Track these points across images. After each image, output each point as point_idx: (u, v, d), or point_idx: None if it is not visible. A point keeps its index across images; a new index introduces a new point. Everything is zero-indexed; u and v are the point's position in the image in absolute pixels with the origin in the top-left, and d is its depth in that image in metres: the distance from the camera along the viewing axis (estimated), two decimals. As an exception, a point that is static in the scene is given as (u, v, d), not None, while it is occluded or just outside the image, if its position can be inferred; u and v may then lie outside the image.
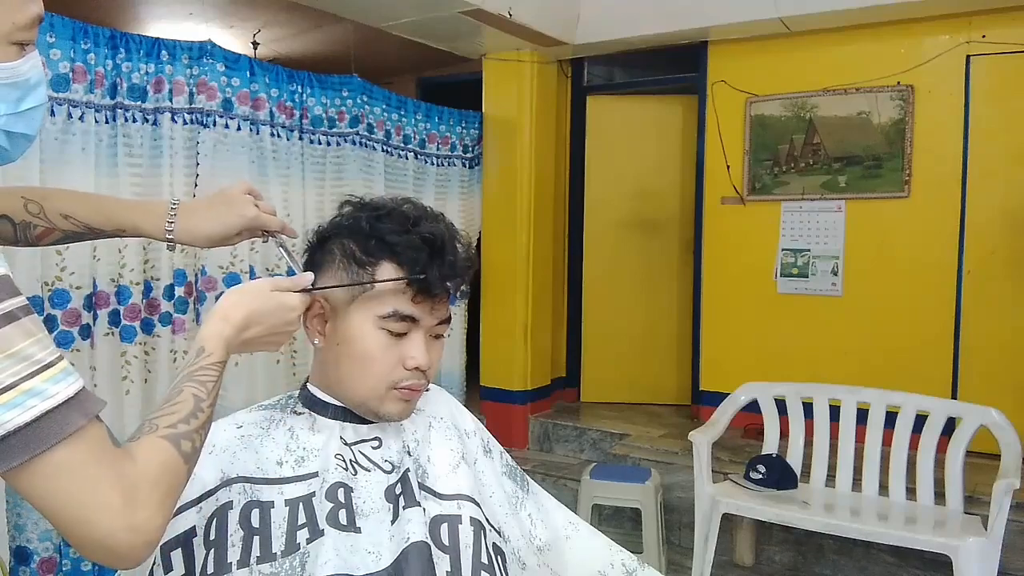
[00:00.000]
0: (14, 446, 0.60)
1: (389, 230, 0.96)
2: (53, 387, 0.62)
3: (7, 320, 0.61)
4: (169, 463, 0.72)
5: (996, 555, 2.54)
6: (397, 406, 1.00)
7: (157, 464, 0.70)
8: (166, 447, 0.72)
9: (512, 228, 4.43)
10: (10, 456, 0.61)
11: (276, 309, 0.91)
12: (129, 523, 0.66)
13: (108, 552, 0.66)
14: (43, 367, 0.62)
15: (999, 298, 3.65)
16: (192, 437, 0.76)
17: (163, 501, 0.70)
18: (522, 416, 4.47)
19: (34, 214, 0.98)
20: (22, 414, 0.60)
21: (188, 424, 0.76)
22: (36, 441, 0.61)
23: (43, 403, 0.61)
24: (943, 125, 3.75)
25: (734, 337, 4.25)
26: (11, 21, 0.72)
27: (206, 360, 0.83)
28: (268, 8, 4.80)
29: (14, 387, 0.60)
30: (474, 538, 1.00)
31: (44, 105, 0.78)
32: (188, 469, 0.75)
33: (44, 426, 0.62)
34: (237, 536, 0.92)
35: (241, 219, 1.03)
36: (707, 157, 4.31)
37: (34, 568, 2.50)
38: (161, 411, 0.76)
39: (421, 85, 6.23)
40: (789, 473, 3.10)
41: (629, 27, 4.16)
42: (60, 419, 0.62)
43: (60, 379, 0.63)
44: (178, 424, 0.75)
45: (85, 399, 0.65)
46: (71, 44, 2.53)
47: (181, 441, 0.74)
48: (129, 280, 2.75)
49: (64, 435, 0.62)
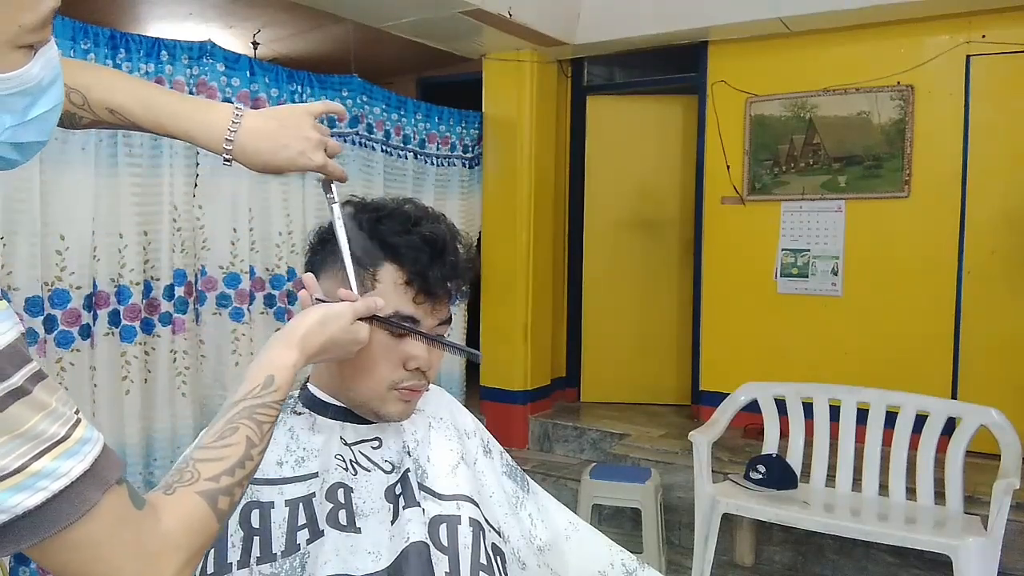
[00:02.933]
0: (25, 528, 0.57)
1: (390, 231, 0.96)
2: (65, 464, 0.58)
3: (14, 397, 0.56)
4: (199, 523, 0.68)
5: (996, 555, 2.54)
6: (397, 407, 1.00)
7: (186, 525, 0.67)
8: (200, 505, 0.68)
9: (512, 228, 4.43)
10: (21, 538, 0.57)
11: (349, 342, 0.89)
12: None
13: None
14: (54, 443, 0.57)
15: (999, 298, 3.65)
16: (232, 492, 0.72)
17: (188, 562, 0.67)
18: (522, 416, 4.47)
19: (78, 105, 0.87)
20: (31, 497, 0.56)
21: (232, 476, 0.72)
22: (48, 523, 0.58)
23: (53, 484, 0.57)
24: (943, 125, 3.75)
25: (734, 337, 4.25)
26: (16, 23, 0.58)
27: (271, 396, 0.79)
28: (268, 8, 4.80)
29: (22, 470, 0.56)
30: (473, 539, 1.00)
31: (59, 105, 0.65)
32: (220, 527, 0.71)
33: (56, 507, 0.58)
34: (237, 536, 0.92)
35: (308, 163, 0.92)
36: (707, 157, 4.31)
37: (34, 568, 2.50)
38: (210, 450, 0.72)
39: (421, 85, 6.23)
40: (789, 473, 3.10)
41: (629, 27, 4.16)
42: (73, 498, 0.58)
43: (74, 452, 0.58)
44: (221, 477, 0.71)
45: (103, 468, 0.61)
46: (71, 44, 2.53)
47: (219, 498, 0.70)
48: (129, 280, 2.74)
49: (78, 515, 0.59)
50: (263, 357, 0.83)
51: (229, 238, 3.07)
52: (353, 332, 0.89)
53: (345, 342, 0.89)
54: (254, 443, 0.75)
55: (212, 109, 0.92)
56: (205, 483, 0.70)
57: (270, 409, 0.78)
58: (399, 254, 0.95)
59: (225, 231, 3.05)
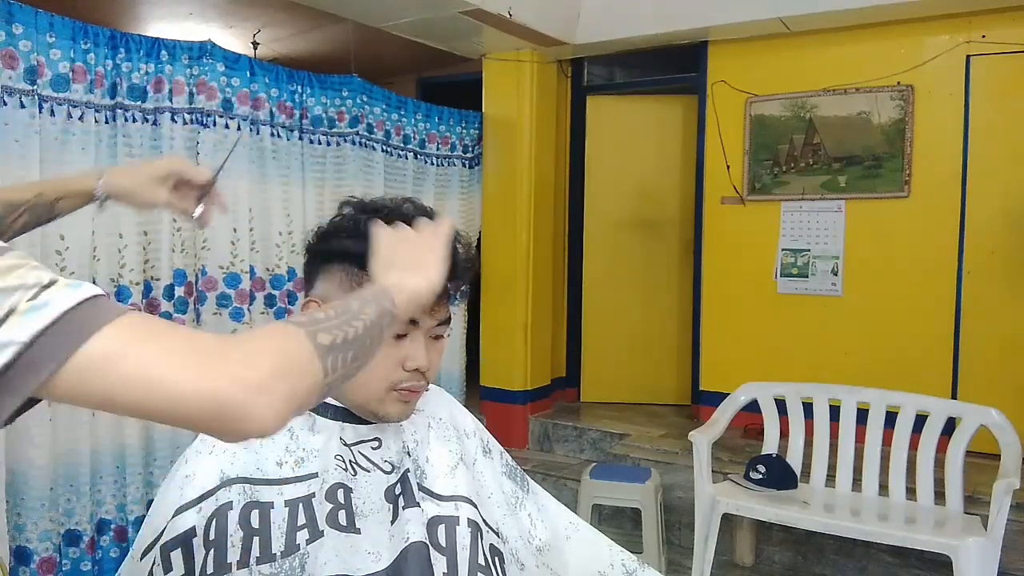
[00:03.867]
0: (43, 354, 0.52)
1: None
2: (71, 292, 0.54)
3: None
4: (290, 345, 0.60)
5: (996, 555, 2.54)
6: (397, 407, 1.00)
7: (268, 341, 0.60)
8: (291, 330, 0.61)
9: (512, 228, 4.43)
10: (40, 367, 0.51)
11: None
12: (227, 373, 0.56)
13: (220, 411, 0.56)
14: (52, 282, 0.54)
15: (999, 298, 3.65)
16: (334, 332, 0.64)
17: (290, 396, 0.59)
18: (522, 416, 4.47)
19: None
20: (37, 320, 0.51)
21: (331, 320, 0.65)
22: (67, 338, 0.52)
23: (61, 303, 0.52)
24: (943, 125, 3.75)
25: (734, 337, 4.25)
26: None
27: (385, 302, 0.73)
28: (268, 8, 4.80)
29: (16, 308, 0.52)
30: (471, 539, 1.00)
31: None
32: (322, 368, 0.62)
33: (75, 318, 0.53)
34: (237, 536, 0.92)
35: (165, 163, 1.05)
36: (707, 157, 4.31)
37: (34, 568, 2.50)
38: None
39: (421, 85, 6.23)
40: (789, 473, 3.10)
41: (629, 27, 4.16)
42: (92, 310, 0.54)
43: (77, 286, 0.55)
44: (319, 321, 0.64)
45: (111, 303, 0.57)
46: (71, 44, 2.53)
47: (319, 334, 0.62)
48: (129, 280, 2.75)
49: (99, 323, 0.53)
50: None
51: (229, 238, 3.07)
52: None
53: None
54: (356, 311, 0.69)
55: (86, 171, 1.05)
56: (297, 319, 0.64)
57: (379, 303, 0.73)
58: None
59: (225, 231, 3.05)
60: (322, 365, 0.62)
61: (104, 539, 2.72)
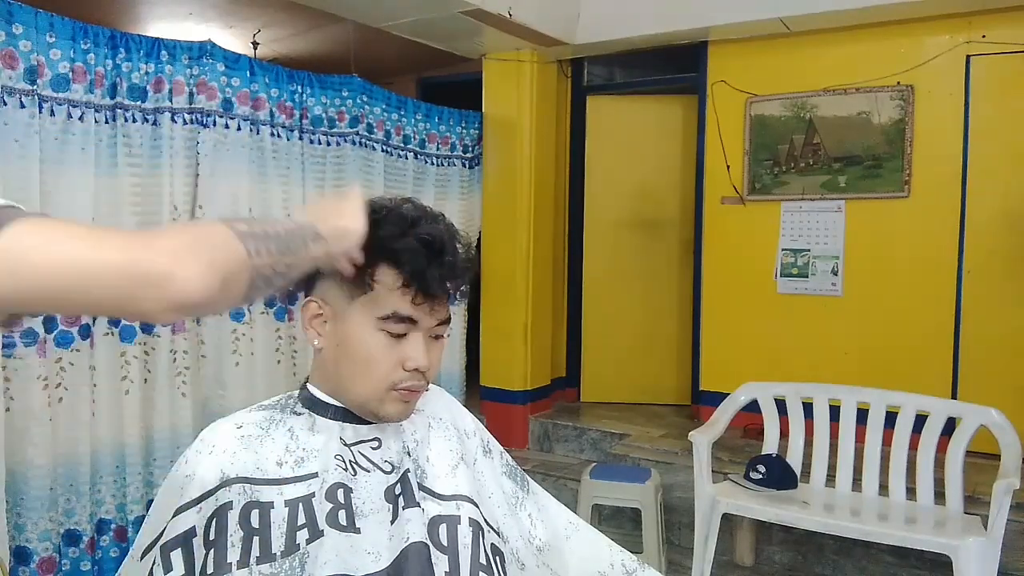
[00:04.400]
0: None
1: (387, 231, 0.96)
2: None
3: None
4: (205, 227, 0.65)
5: (996, 555, 2.54)
6: (397, 407, 1.00)
7: (183, 226, 0.65)
8: (206, 221, 0.67)
9: (512, 228, 4.43)
10: None
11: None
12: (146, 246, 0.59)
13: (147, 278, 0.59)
14: None
15: (999, 298, 3.65)
16: (251, 225, 0.70)
17: (208, 268, 0.62)
18: (522, 416, 4.47)
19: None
20: None
21: (248, 220, 0.71)
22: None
23: None
24: (943, 125, 3.75)
25: (734, 337, 4.25)
26: None
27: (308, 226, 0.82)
28: (268, 8, 4.80)
29: None
30: (472, 539, 1.00)
31: None
32: (244, 248, 0.66)
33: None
34: (237, 536, 0.92)
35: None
36: (707, 157, 4.31)
37: (34, 568, 2.50)
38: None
39: (421, 85, 6.22)
40: (789, 473, 3.10)
41: (629, 27, 4.16)
42: (4, 211, 0.58)
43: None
44: (236, 219, 0.71)
45: (27, 210, 0.60)
46: (71, 44, 2.53)
47: (235, 224, 0.68)
48: (129, 280, 2.74)
49: (11, 220, 0.57)
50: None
51: (229, 238, 3.06)
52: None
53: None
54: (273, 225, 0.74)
55: None
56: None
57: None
58: (397, 256, 0.95)
59: (225, 231, 3.04)
60: (243, 246, 0.66)
61: (104, 539, 2.72)
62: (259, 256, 0.70)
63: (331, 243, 0.86)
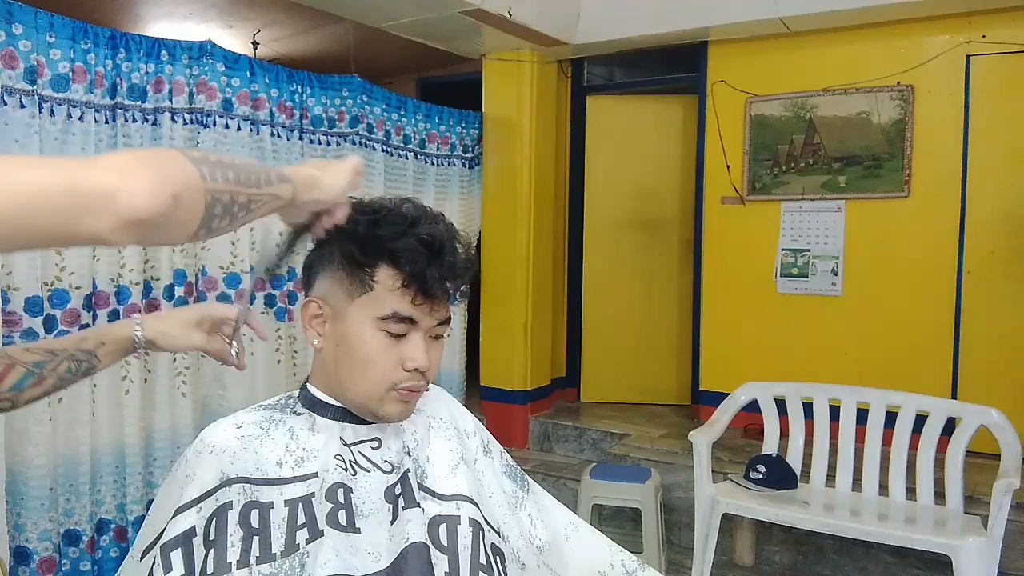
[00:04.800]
0: None
1: (387, 231, 0.96)
2: None
3: None
4: (155, 149, 0.65)
5: (996, 555, 2.54)
6: (397, 407, 1.00)
7: (134, 149, 0.65)
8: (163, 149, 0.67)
9: (512, 228, 4.43)
10: None
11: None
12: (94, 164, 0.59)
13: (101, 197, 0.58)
14: None
15: (999, 298, 3.65)
16: (204, 153, 0.69)
17: (142, 157, 0.61)
18: (522, 416, 4.47)
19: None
20: None
21: (203, 150, 0.72)
22: None
23: None
24: (943, 125, 3.75)
25: (734, 337, 4.25)
26: None
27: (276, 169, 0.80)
28: (268, 8, 4.80)
29: None
30: (472, 539, 1.00)
31: None
32: (196, 170, 0.65)
33: None
34: (236, 536, 0.92)
35: (197, 309, 1.08)
36: (707, 157, 4.31)
37: (34, 568, 2.50)
38: None
39: (421, 85, 6.22)
40: (789, 473, 3.10)
41: (629, 27, 4.16)
42: None
43: None
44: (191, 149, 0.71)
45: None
46: (71, 44, 2.53)
47: (188, 151, 0.67)
48: (129, 280, 2.74)
49: None
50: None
51: (229, 238, 3.07)
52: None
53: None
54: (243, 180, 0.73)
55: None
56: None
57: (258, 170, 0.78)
58: (396, 256, 0.95)
59: (225, 231, 3.05)
60: (196, 169, 0.65)
61: (104, 539, 2.72)
62: (214, 181, 0.68)
63: (299, 188, 0.83)
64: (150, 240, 0.64)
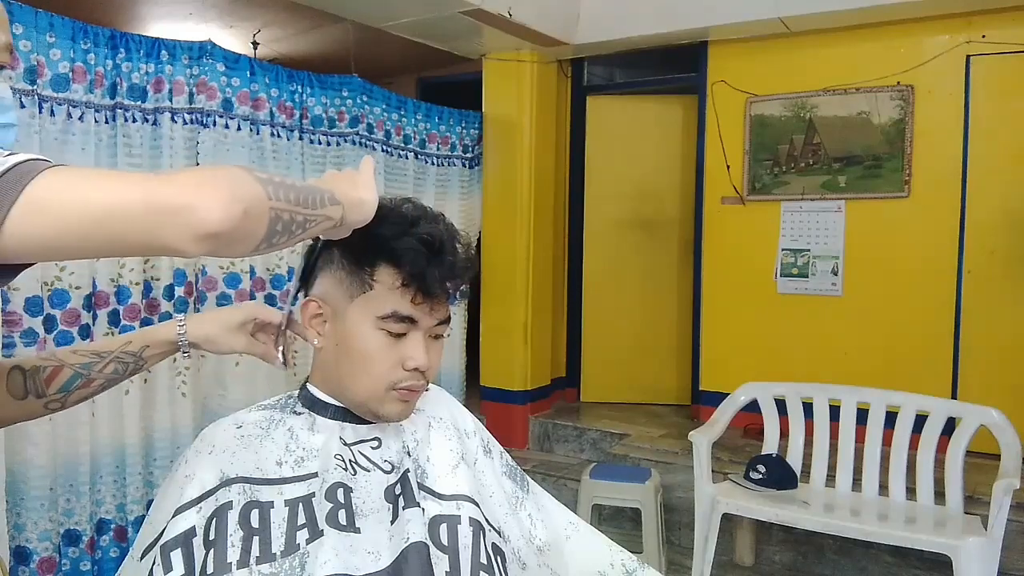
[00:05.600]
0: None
1: (388, 231, 0.96)
2: (17, 156, 0.62)
3: None
4: (224, 167, 0.68)
5: (996, 555, 2.54)
6: (396, 407, 1.00)
7: (208, 170, 0.67)
8: (231, 167, 0.70)
9: (512, 228, 4.43)
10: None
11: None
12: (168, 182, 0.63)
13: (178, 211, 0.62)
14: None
15: (999, 298, 3.65)
16: (268, 174, 0.72)
17: (215, 174, 0.65)
18: (522, 416, 4.47)
19: (44, 357, 0.99)
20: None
21: (267, 174, 0.73)
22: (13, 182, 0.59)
23: (10, 161, 0.61)
24: (943, 125, 3.75)
25: (734, 337, 4.25)
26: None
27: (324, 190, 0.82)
28: (268, 8, 4.80)
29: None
30: (473, 538, 1.00)
31: (15, 127, 0.81)
32: (263, 190, 0.68)
33: (20, 169, 0.60)
34: (236, 536, 0.92)
35: (242, 310, 1.09)
36: (707, 157, 4.31)
37: (34, 568, 2.50)
38: None
39: (421, 85, 6.23)
40: (789, 473, 3.10)
41: (629, 27, 4.16)
42: (34, 163, 0.61)
43: (22, 155, 0.63)
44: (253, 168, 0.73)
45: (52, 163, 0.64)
46: (71, 44, 2.53)
47: (253, 171, 0.70)
48: (129, 280, 2.74)
49: (41, 170, 0.61)
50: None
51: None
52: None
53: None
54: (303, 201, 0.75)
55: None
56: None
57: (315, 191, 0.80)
58: (396, 255, 0.95)
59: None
60: (262, 188, 0.68)
61: (104, 539, 2.72)
62: (278, 200, 0.71)
63: (347, 211, 0.86)
64: (220, 252, 0.67)
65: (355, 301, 0.97)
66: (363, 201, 0.89)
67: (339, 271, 0.99)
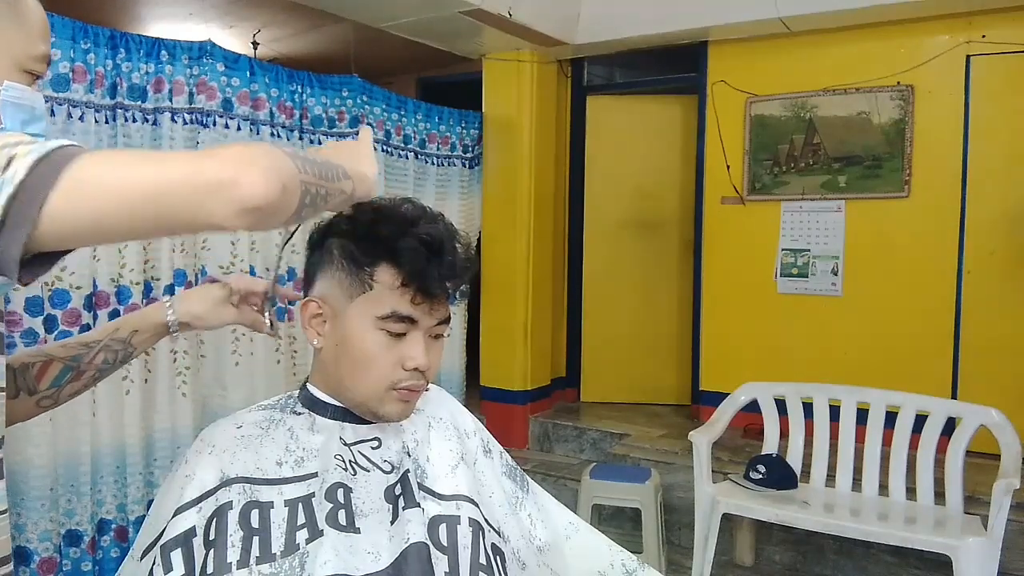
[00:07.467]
0: (38, 178, 0.60)
1: (387, 231, 0.96)
2: (55, 141, 0.63)
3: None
4: (256, 144, 0.70)
5: (996, 555, 2.54)
6: (396, 407, 1.00)
7: (242, 146, 0.69)
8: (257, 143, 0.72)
9: (512, 228, 4.43)
10: (38, 190, 0.59)
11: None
12: (210, 156, 0.64)
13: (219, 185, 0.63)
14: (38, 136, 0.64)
15: (999, 298, 3.65)
16: (293, 149, 0.73)
17: (254, 150, 0.66)
18: (522, 416, 4.47)
19: (32, 353, 0.99)
20: (32, 154, 0.61)
21: (292, 149, 0.74)
22: (55, 164, 0.60)
23: (49, 145, 0.62)
24: (943, 125, 3.75)
25: (734, 337, 4.25)
26: (27, 52, 0.83)
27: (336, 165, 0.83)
28: (268, 8, 4.80)
29: (16, 155, 0.61)
30: (472, 539, 1.00)
31: (44, 135, 0.81)
32: (292, 164, 0.70)
33: (60, 153, 0.61)
34: (236, 536, 0.92)
35: (225, 283, 1.09)
36: (707, 157, 4.31)
37: (34, 568, 2.50)
38: None
39: (421, 85, 6.23)
40: (789, 473, 3.10)
41: (629, 27, 4.16)
42: (72, 148, 0.62)
43: (60, 141, 0.64)
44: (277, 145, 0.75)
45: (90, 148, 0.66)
46: (71, 44, 2.53)
47: (279, 146, 0.72)
48: (129, 280, 2.74)
49: (80, 153, 0.62)
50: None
51: (229, 238, 3.07)
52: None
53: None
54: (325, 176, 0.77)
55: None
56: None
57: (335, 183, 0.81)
58: (396, 255, 0.96)
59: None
60: (292, 162, 0.70)
61: (104, 539, 2.72)
62: (306, 174, 0.73)
63: (357, 185, 0.87)
64: (258, 225, 0.68)
65: (355, 301, 0.98)
66: (366, 176, 0.90)
67: (339, 271, 0.99)
